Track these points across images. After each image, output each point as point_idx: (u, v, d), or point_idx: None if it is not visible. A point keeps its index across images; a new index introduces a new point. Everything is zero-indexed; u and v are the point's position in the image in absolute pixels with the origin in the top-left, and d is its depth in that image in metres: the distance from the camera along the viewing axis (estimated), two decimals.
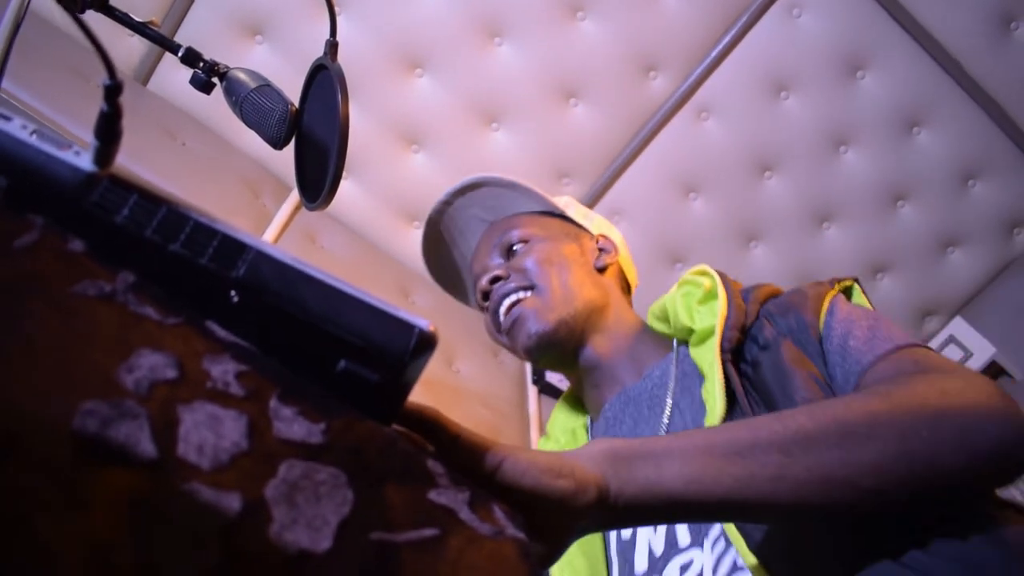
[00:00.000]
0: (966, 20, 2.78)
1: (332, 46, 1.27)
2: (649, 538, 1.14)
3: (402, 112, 2.79)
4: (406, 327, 0.59)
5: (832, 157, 2.97)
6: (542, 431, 2.96)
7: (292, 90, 1.35)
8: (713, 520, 0.83)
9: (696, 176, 2.97)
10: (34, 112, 2.07)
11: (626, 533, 1.18)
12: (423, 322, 0.60)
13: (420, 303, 2.90)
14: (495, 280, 1.42)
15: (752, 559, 0.94)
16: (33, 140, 0.58)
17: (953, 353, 3.15)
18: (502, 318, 1.40)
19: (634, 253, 1.65)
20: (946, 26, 2.78)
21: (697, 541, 1.07)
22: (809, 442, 0.81)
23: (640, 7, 2.70)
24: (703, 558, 1.05)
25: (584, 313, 1.38)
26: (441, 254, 1.65)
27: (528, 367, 3.13)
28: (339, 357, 0.59)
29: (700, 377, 1.20)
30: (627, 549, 1.17)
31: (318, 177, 1.25)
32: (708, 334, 1.20)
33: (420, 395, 2.54)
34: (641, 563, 1.13)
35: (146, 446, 0.47)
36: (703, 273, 1.32)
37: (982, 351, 3.09)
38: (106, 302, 0.53)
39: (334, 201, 1.28)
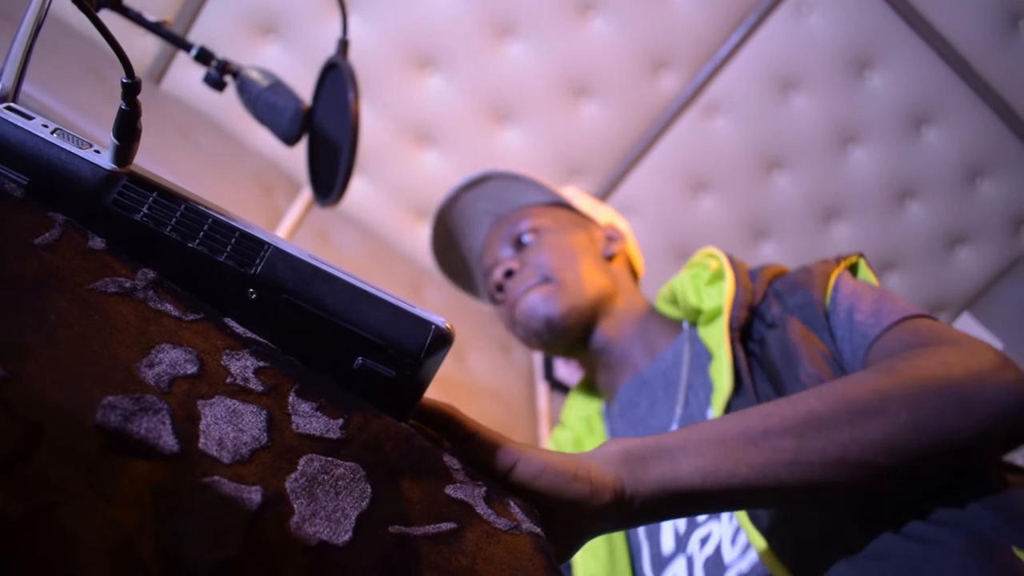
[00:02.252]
0: (974, 18, 2.77)
1: (344, 44, 1.28)
2: None
3: (413, 110, 2.79)
4: (423, 324, 0.60)
5: (840, 155, 2.96)
6: (552, 427, 2.97)
7: (304, 89, 1.36)
8: (733, 509, 0.83)
9: (705, 173, 2.97)
10: (51, 112, 2.07)
11: None
12: (439, 319, 0.60)
13: (432, 299, 2.90)
14: (509, 273, 1.43)
15: (761, 542, 0.95)
16: (54, 139, 0.59)
17: None
18: (516, 310, 1.40)
19: (643, 249, 1.64)
20: (954, 24, 2.77)
21: (715, 515, 1.08)
22: (821, 424, 0.81)
23: (650, 6, 2.70)
24: (721, 530, 1.06)
25: (595, 300, 1.39)
26: (450, 248, 1.66)
27: (539, 363, 3.13)
28: (356, 354, 0.60)
29: (709, 356, 1.20)
30: (654, 531, 1.17)
31: (330, 174, 1.26)
32: (716, 314, 1.21)
33: (430, 390, 2.55)
34: (668, 543, 1.13)
35: (168, 440, 0.48)
36: (710, 255, 1.33)
37: None
38: (126, 298, 0.54)
39: (346, 199, 1.29)
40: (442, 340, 0.60)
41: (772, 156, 2.96)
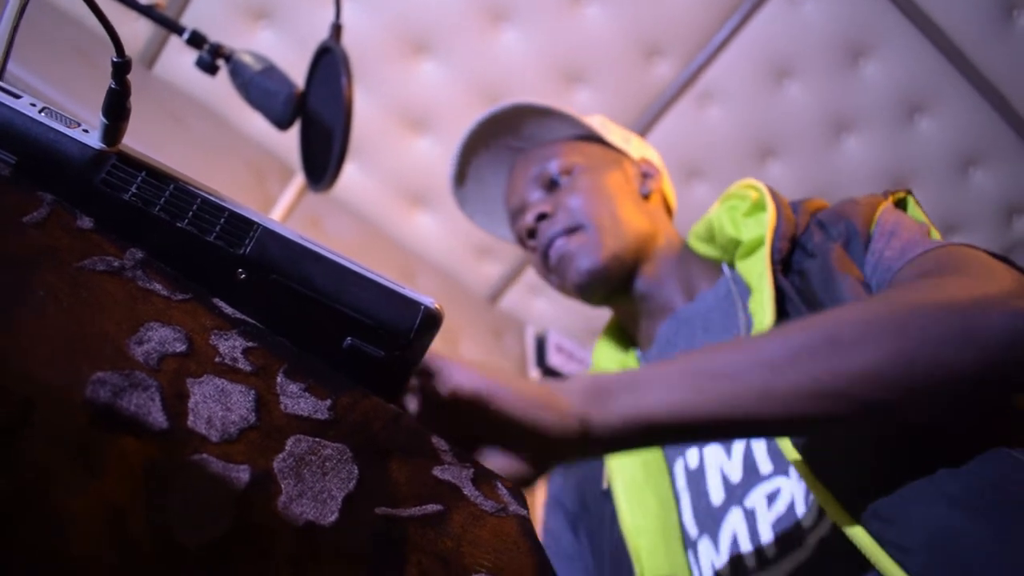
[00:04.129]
0: (968, 7, 2.78)
1: (336, 28, 1.27)
2: (722, 465, 1.09)
3: (406, 95, 2.79)
4: (412, 304, 0.60)
5: (833, 143, 2.97)
6: None
7: (297, 76, 1.36)
8: (703, 441, 0.82)
9: (699, 161, 2.97)
10: (40, 94, 2.07)
11: (692, 461, 1.13)
12: (428, 300, 0.60)
13: (424, 285, 2.91)
14: (541, 217, 1.35)
15: (823, 491, 0.88)
16: (42, 118, 0.59)
17: None
18: (551, 257, 1.33)
19: None
20: (948, 13, 2.77)
21: (781, 469, 1.01)
22: (796, 355, 0.78)
23: None
24: (792, 486, 0.99)
25: (635, 244, 1.33)
26: (471, 189, 1.55)
27: (531, 350, 3.13)
28: (345, 334, 0.60)
29: (748, 291, 1.15)
30: (697, 479, 1.12)
31: (323, 159, 1.26)
32: (756, 245, 1.15)
33: None
34: (717, 494, 1.08)
35: (157, 416, 0.48)
36: (749, 186, 1.26)
37: None
38: (115, 277, 0.54)
39: (339, 185, 1.29)
40: (431, 320, 0.60)
41: (766, 144, 2.96)
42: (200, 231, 0.59)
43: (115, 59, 0.57)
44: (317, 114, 1.28)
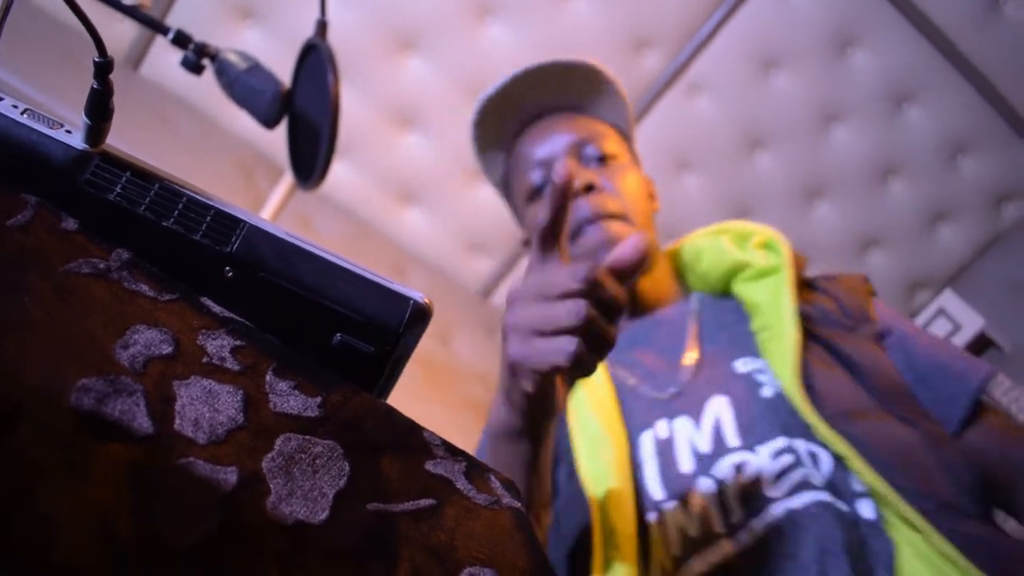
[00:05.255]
0: None
1: (322, 26, 1.27)
2: (691, 437, 1.14)
3: (394, 92, 2.79)
4: (401, 299, 0.60)
5: (822, 133, 2.97)
6: None
7: (284, 74, 1.35)
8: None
9: (687, 152, 2.97)
10: (23, 96, 2.06)
11: (663, 432, 1.18)
12: (417, 294, 0.60)
13: (415, 282, 2.90)
14: (589, 188, 1.35)
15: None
16: (24, 119, 0.58)
17: (943, 326, 3.15)
18: (589, 232, 1.33)
19: None
20: (936, 2, 2.78)
21: (748, 446, 1.08)
22: None
23: None
24: (757, 461, 1.06)
25: (652, 251, 1.37)
26: (501, 113, 1.55)
27: None
28: (334, 330, 0.60)
29: (741, 315, 1.23)
30: (666, 448, 1.16)
31: (311, 157, 1.26)
32: (769, 271, 1.23)
33: (416, 373, 2.55)
34: (686, 462, 1.13)
35: (142, 422, 0.47)
36: (749, 227, 1.35)
37: (971, 323, 3.10)
38: (100, 279, 0.53)
39: (328, 183, 1.29)
40: (421, 315, 0.60)
41: (755, 135, 2.96)
42: (186, 230, 0.58)
43: (97, 59, 0.57)
44: (304, 112, 1.28)
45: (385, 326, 0.59)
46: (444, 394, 2.66)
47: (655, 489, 1.14)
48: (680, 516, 1.09)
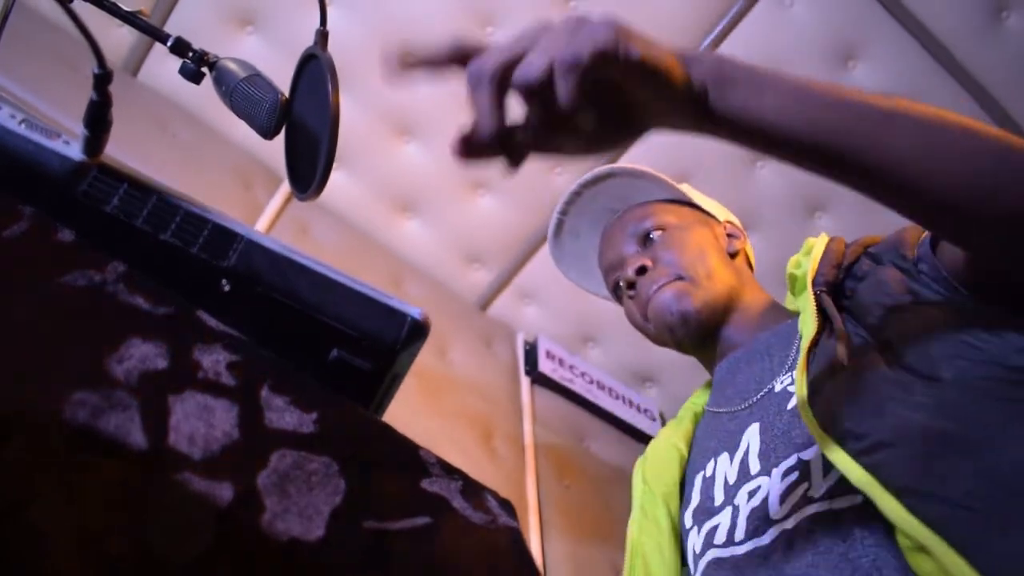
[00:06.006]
0: (957, 9, 2.78)
1: (323, 35, 1.26)
2: (725, 471, 1.18)
3: (393, 102, 2.78)
4: (398, 315, 0.59)
5: None
6: (535, 421, 2.97)
7: (283, 82, 1.35)
8: (785, 157, 0.87)
9: (688, 166, 2.97)
10: (22, 103, 2.05)
11: (708, 470, 1.23)
12: (415, 310, 0.60)
13: (412, 293, 2.89)
14: (641, 271, 1.41)
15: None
16: (22, 129, 0.58)
17: None
18: (651, 306, 1.39)
19: None
20: (937, 15, 2.78)
21: (766, 470, 1.10)
22: (891, 114, 0.87)
23: None
24: (770, 484, 1.08)
25: (725, 296, 1.39)
26: (567, 244, 1.64)
27: (521, 358, 3.13)
28: (331, 346, 0.59)
29: (796, 330, 1.24)
30: (708, 485, 1.21)
31: (309, 167, 1.25)
32: (801, 283, 1.25)
33: (414, 385, 2.54)
34: (719, 496, 1.17)
35: (137, 437, 0.47)
36: (811, 242, 1.35)
37: None
38: (96, 292, 0.53)
39: (326, 192, 1.27)
40: (418, 331, 0.59)
41: None
42: (184, 243, 0.58)
43: (96, 71, 0.56)
44: (303, 122, 1.27)
45: (382, 342, 0.59)
46: (440, 406, 2.66)
47: (687, 519, 1.20)
48: (695, 538, 1.15)
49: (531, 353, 3.14)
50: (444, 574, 0.52)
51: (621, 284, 1.47)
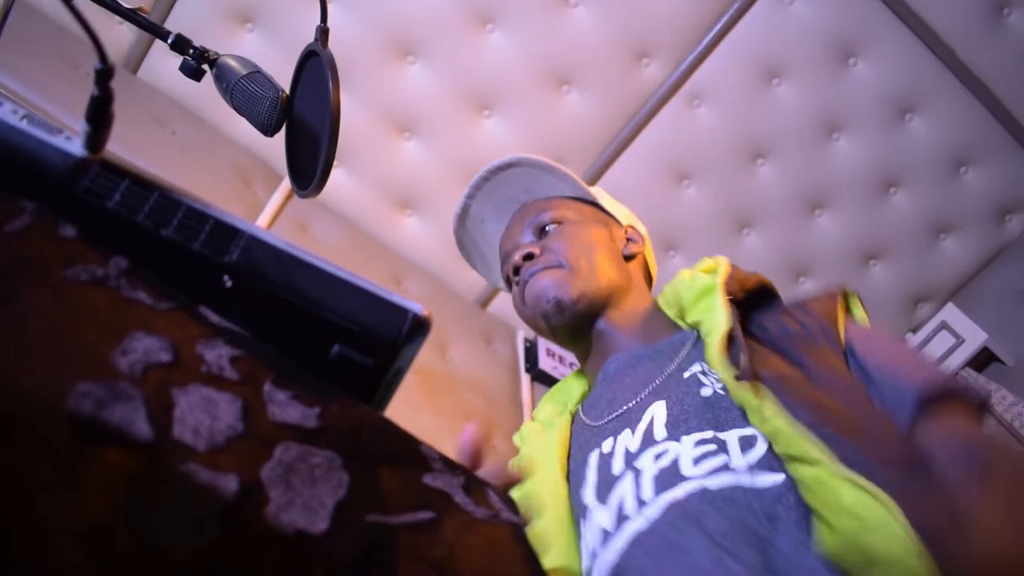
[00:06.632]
0: (958, 6, 2.78)
1: (323, 32, 1.26)
2: (626, 443, 1.19)
3: (394, 99, 2.78)
4: (400, 311, 0.59)
5: (824, 144, 2.97)
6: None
7: (283, 79, 1.35)
8: None
9: (689, 163, 2.97)
10: (23, 100, 2.05)
11: (607, 447, 1.23)
12: (417, 306, 0.60)
13: (412, 291, 2.89)
14: (528, 257, 1.45)
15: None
16: (24, 125, 0.58)
17: (945, 340, 3.15)
18: (528, 289, 1.43)
19: None
20: (939, 13, 2.78)
21: (675, 436, 1.12)
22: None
23: None
24: (681, 448, 1.09)
25: (606, 291, 1.42)
26: (471, 229, 1.68)
27: (521, 355, 3.13)
28: (333, 342, 0.59)
29: (702, 345, 1.25)
30: (606, 460, 1.21)
31: (309, 164, 1.25)
32: (709, 291, 1.28)
33: (414, 383, 2.54)
34: (618, 466, 1.17)
35: (141, 427, 0.47)
36: (702, 262, 1.40)
37: (974, 337, 3.10)
38: (99, 287, 0.53)
39: (326, 189, 1.28)
40: (420, 327, 0.59)
41: (756, 146, 2.96)
42: (185, 239, 0.58)
43: (97, 66, 0.56)
44: (303, 119, 1.27)
45: (384, 338, 0.59)
46: (440, 404, 2.65)
47: (588, 497, 1.18)
48: (601, 514, 1.13)
49: (531, 351, 3.14)
50: (447, 568, 0.53)
51: (508, 272, 1.50)
